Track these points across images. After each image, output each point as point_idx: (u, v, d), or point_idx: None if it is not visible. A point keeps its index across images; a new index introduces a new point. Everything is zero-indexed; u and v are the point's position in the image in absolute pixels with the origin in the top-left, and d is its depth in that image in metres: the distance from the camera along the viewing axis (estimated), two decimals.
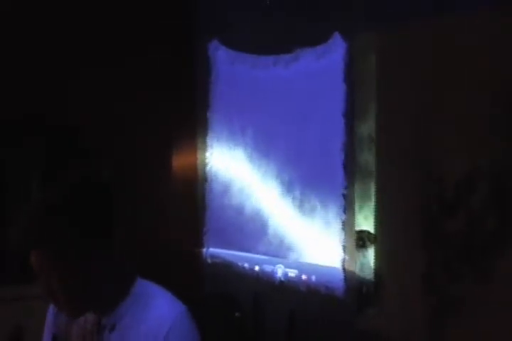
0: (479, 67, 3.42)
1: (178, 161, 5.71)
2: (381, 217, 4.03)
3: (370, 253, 4.07)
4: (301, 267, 4.63)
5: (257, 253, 4.99)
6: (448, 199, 3.54)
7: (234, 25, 5.18)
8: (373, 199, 4.07)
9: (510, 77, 3.29)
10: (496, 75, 3.35)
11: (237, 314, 5.00)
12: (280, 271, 4.77)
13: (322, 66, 4.48)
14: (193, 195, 5.64)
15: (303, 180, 4.65)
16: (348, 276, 4.23)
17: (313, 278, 4.52)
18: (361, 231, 4.17)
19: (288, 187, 4.76)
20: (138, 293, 1.95)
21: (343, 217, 4.27)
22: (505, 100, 3.29)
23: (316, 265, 4.51)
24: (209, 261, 5.45)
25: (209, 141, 5.54)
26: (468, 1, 3.47)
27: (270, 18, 4.80)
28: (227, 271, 5.21)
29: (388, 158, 3.99)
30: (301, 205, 4.63)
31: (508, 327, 3.26)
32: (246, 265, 5.08)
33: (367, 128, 4.12)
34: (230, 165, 5.33)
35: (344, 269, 4.25)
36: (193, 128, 5.72)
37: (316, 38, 4.44)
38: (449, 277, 3.54)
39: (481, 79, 3.41)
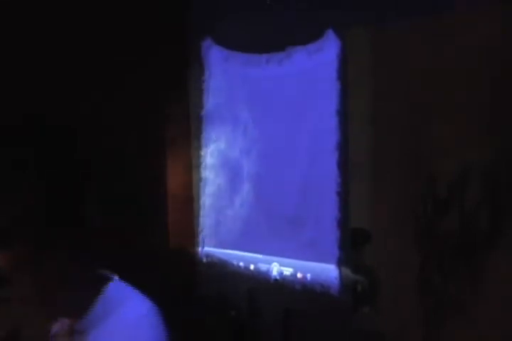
0: (476, 67, 3.42)
1: (173, 160, 5.69)
2: (376, 216, 4.03)
3: (365, 252, 4.07)
4: (296, 265, 4.62)
5: (252, 252, 4.99)
6: (442, 199, 3.54)
7: (227, 24, 5.16)
8: (368, 197, 4.08)
9: (506, 77, 3.29)
10: (492, 75, 3.35)
11: (232, 312, 5.00)
12: (275, 269, 4.77)
13: (315, 64, 4.47)
14: (188, 194, 5.63)
15: (298, 179, 4.64)
16: (343, 275, 4.23)
17: (309, 276, 4.52)
18: (356, 230, 4.17)
19: (283, 185, 4.76)
20: (110, 296, 1.95)
21: (339, 215, 4.26)
22: (500, 100, 3.30)
23: (312, 263, 4.51)
24: (204, 260, 5.44)
25: (203, 140, 5.53)
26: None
27: (263, 16, 4.79)
28: (223, 270, 5.21)
29: (383, 157, 3.99)
30: (296, 204, 4.62)
31: (503, 325, 3.28)
32: (241, 264, 5.07)
33: (361, 126, 4.12)
34: (225, 164, 5.32)
35: (339, 268, 4.24)
36: (187, 127, 5.71)
37: (309, 36, 4.43)
38: (444, 276, 3.55)
39: (477, 79, 3.41)
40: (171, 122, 5.68)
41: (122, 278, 4.65)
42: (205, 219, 5.49)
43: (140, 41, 5.39)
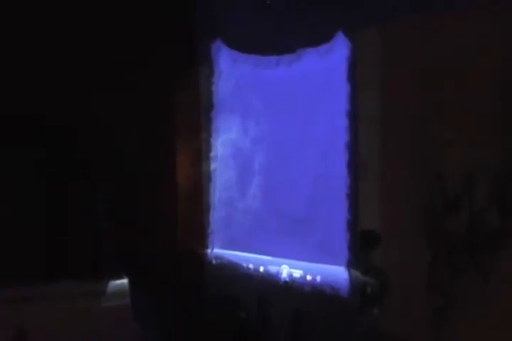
0: (481, 67, 3.41)
1: (183, 162, 5.70)
2: (385, 217, 4.02)
3: (375, 254, 4.05)
4: (305, 267, 4.62)
5: (262, 254, 4.99)
6: (451, 199, 3.53)
7: (236, 26, 5.16)
8: (378, 199, 4.07)
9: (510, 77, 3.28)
10: (497, 75, 3.34)
11: (242, 314, 5.00)
12: (285, 271, 4.76)
13: (325, 65, 4.47)
14: (198, 196, 5.63)
15: (307, 181, 4.63)
16: (353, 276, 4.22)
17: (318, 278, 4.51)
18: (366, 232, 4.15)
19: (292, 187, 4.75)
20: None
21: (348, 217, 4.26)
22: (505, 100, 3.29)
23: (321, 265, 4.50)
24: (214, 261, 5.44)
25: (213, 141, 5.53)
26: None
27: (272, 18, 4.79)
28: (232, 271, 5.21)
29: (392, 158, 3.98)
30: (306, 206, 4.62)
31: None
32: (251, 266, 5.07)
33: (370, 127, 4.12)
34: (234, 165, 5.33)
35: (349, 269, 4.24)
36: (197, 129, 5.71)
37: (319, 38, 4.43)
38: (453, 277, 3.54)
39: (482, 79, 3.40)
40: (180, 123, 5.69)
41: (132, 279, 4.66)
42: (215, 221, 5.49)
43: (150, 42, 5.41)
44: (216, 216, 5.48)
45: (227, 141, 5.40)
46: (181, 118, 5.71)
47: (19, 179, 4.88)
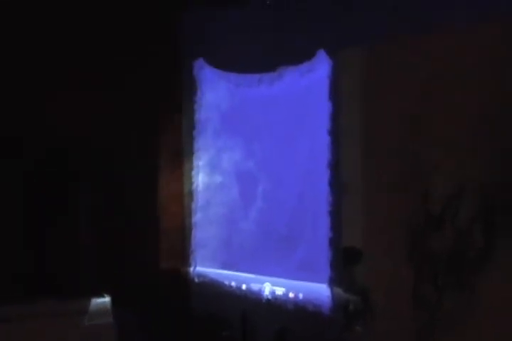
0: (463, 86, 3.47)
1: (165, 181, 5.69)
2: (368, 234, 4.04)
3: (357, 270, 4.07)
4: (288, 285, 4.62)
5: (244, 272, 4.98)
6: (434, 216, 3.56)
7: (218, 45, 5.20)
8: (360, 216, 4.09)
9: (497, 97, 3.34)
10: (483, 92, 3.39)
11: (225, 333, 4.98)
12: (267, 289, 4.76)
13: (307, 83, 4.51)
14: (180, 214, 5.63)
15: (290, 199, 4.65)
16: (335, 294, 4.22)
17: (301, 295, 4.51)
18: (348, 249, 4.17)
19: (275, 205, 4.77)
20: None
21: (330, 234, 4.28)
22: (491, 119, 3.34)
23: (304, 283, 4.51)
24: (196, 280, 5.42)
25: (195, 161, 5.53)
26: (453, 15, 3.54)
27: (254, 37, 4.83)
28: (215, 289, 5.19)
29: (375, 176, 4.01)
30: (288, 224, 4.63)
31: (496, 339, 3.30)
32: (233, 284, 5.06)
33: (353, 145, 4.15)
34: (217, 184, 5.34)
35: (331, 287, 4.25)
36: (179, 148, 5.71)
37: (300, 56, 4.47)
38: (437, 293, 3.56)
39: (468, 96, 3.45)
40: (163, 143, 5.69)
41: (114, 298, 4.62)
42: (197, 239, 5.48)
43: (132, 63, 5.44)
44: (198, 234, 5.48)
45: (210, 159, 5.42)
46: (165, 138, 5.72)
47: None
